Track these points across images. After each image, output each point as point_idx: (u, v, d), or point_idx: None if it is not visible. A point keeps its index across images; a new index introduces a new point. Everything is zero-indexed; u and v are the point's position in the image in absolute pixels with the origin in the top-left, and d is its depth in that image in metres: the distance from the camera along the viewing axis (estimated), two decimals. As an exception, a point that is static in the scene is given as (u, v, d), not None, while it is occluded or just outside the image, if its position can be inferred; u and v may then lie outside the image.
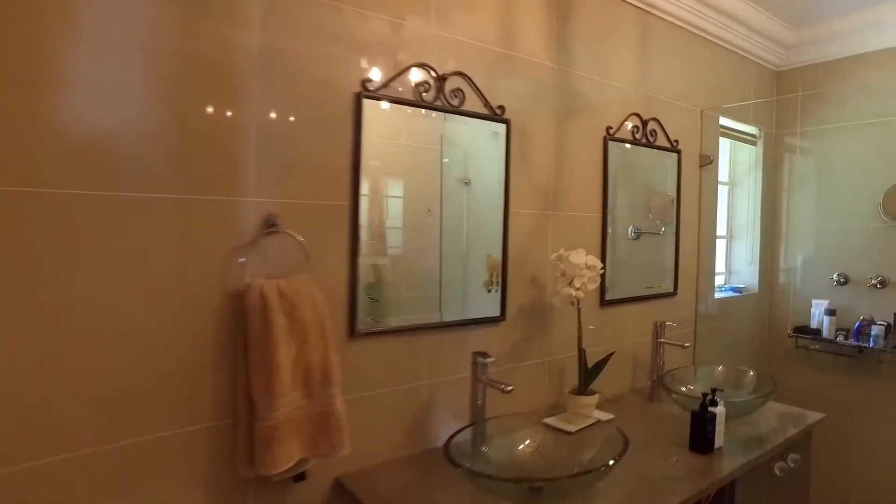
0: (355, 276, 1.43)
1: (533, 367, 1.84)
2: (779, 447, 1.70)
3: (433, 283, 1.66)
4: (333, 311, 1.39)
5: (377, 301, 1.52)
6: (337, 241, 1.41)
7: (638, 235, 2.30)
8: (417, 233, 1.62)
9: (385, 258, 1.55)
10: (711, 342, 2.63)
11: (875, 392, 2.71)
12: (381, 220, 1.52)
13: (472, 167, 1.70)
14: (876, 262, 2.71)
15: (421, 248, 1.63)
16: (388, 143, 1.52)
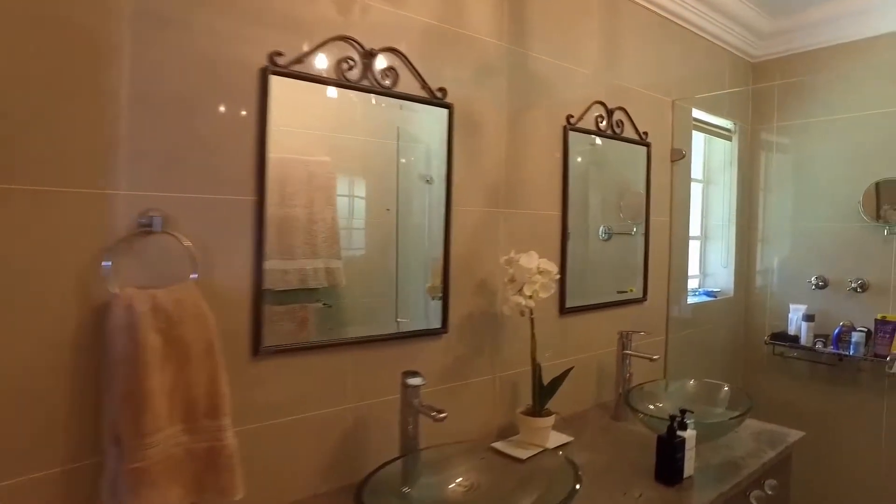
0: (260, 283, 1.20)
1: (482, 385, 1.63)
2: (755, 473, 1.52)
3: (390, 288, 1.47)
4: (234, 327, 1.17)
5: (330, 307, 1.35)
6: (240, 242, 1.19)
7: (609, 236, 2.12)
8: (374, 234, 1.45)
9: (338, 261, 1.35)
10: (684, 351, 2.44)
11: (855, 404, 2.56)
12: (333, 218, 1.33)
13: (435, 164, 1.51)
14: (855, 264, 2.56)
15: (378, 250, 1.46)
16: (336, 135, 1.36)
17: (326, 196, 1.32)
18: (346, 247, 1.38)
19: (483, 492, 1.23)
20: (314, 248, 1.30)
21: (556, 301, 1.82)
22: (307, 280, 1.30)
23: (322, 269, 1.34)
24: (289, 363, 1.26)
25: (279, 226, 1.24)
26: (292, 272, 1.27)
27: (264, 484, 1.22)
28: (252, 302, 1.20)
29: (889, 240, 2.45)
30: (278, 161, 1.22)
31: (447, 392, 1.54)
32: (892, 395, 2.46)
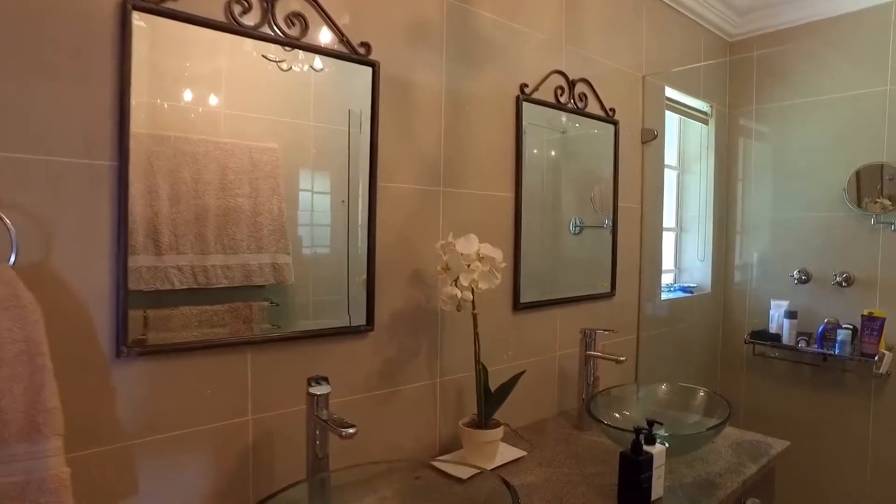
0: (123, 269, 0.96)
1: (419, 392, 1.40)
2: (735, 493, 1.30)
3: (342, 284, 1.27)
4: (88, 323, 0.93)
5: (278, 306, 1.17)
6: (94, 219, 0.94)
7: (581, 230, 1.91)
8: (328, 226, 1.26)
9: (286, 256, 1.16)
10: (657, 352, 2.23)
11: (841, 408, 2.37)
12: (280, 209, 1.15)
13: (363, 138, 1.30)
14: (840, 256, 2.38)
15: (331, 243, 1.27)
16: (288, 119, 1.17)
17: (273, 185, 1.14)
18: (299, 241, 1.21)
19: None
20: (259, 242, 1.13)
21: (508, 295, 1.59)
22: (251, 276, 1.13)
23: (268, 265, 1.15)
24: (172, 367, 1.02)
25: (220, 217, 1.08)
26: (235, 267, 1.10)
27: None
28: (113, 290, 0.95)
29: (876, 229, 2.27)
30: (215, 146, 1.06)
31: (375, 401, 1.31)
32: (879, 398, 2.27)
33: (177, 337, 1.02)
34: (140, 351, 0.98)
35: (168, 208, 1.02)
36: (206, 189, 1.06)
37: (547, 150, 1.77)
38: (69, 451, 0.86)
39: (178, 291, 1.04)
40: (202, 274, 1.06)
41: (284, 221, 1.16)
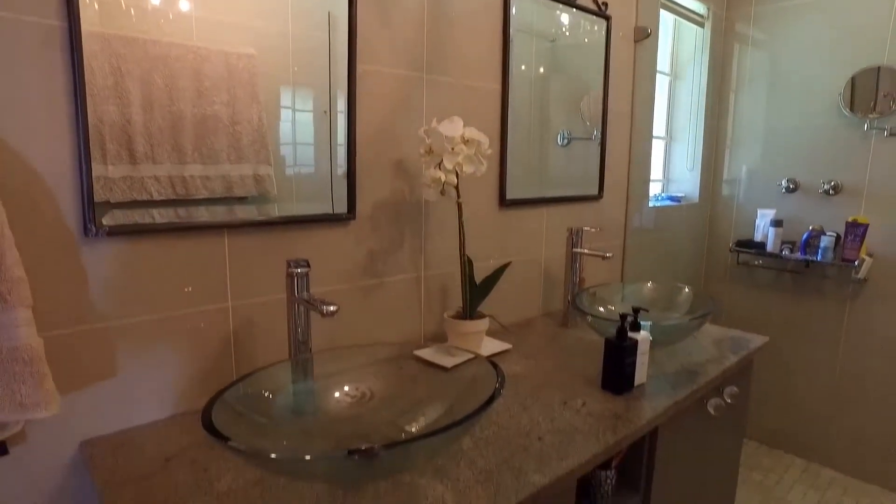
0: (85, 142, 0.89)
1: (403, 286, 1.38)
2: (715, 380, 1.32)
3: (324, 179, 1.21)
4: (51, 200, 0.88)
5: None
6: (48, 87, 0.87)
7: (569, 141, 1.84)
8: (311, 136, 1.18)
9: (268, 167, 1.11)
10: (643, 257, 2.23)
11: (818, 311, 2.42)
12: (260, 118, 1.08)
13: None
14: (830, 165, 2.35)
15: (313, 152, 1.19)
16: (264, 24, 1.07)
17: (251, 92, 1.07)
18: (279, 146, 1.14)
19: (373, 403, 0.98)
20: (239, 152, 1.07)
21: (494, 190, 1.55)
22: (233, 188, 1.07)
23: (250, 176, 1.10)
24: (145, 248, 0.98)
25: (197, 125, 1.01)
26: (215, 178, 1.05)
27: (109, 399, 0.97)
28: (75, 159, 0.89)
29: (868, 135, 2.24)
30: (188, 50, 0.98)
31: (358, 292, 1.29)
32: (854, 302, 2.32)
33: (148, 217, 0.98)
34: (110, 230, 0.93)
35: (141, 115, 0.95)
36: (180, 96, 0.99)
37: (536, 63, 1.68)
38: (41, 331, 0.84)
39: (156, 203, 0.98)
40: (181, 185, 1.01)
41: (265, 131, 1.10)
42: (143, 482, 0.84)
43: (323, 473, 0.79)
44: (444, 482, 0.85)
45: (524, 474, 0.87)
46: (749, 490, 2.30)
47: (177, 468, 0.88)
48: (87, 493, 0.96)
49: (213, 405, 0.80)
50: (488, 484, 0.85)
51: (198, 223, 1.03)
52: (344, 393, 0.98)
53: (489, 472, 0.88)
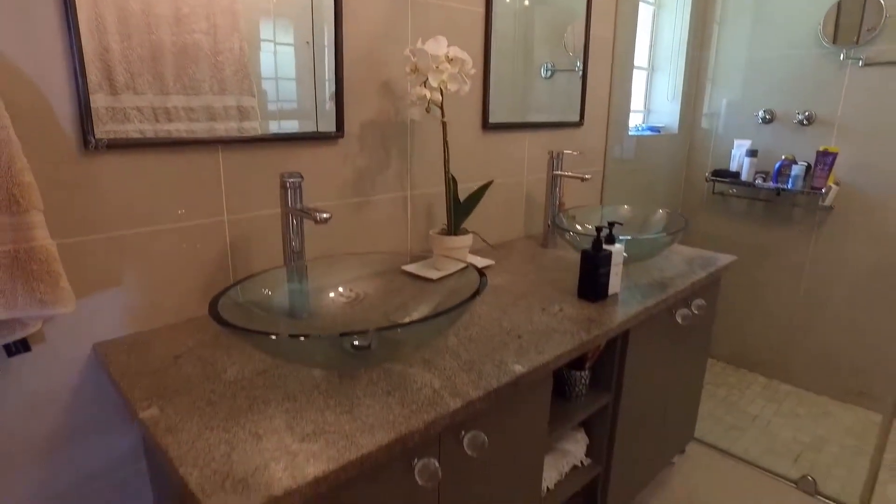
0: (79, 53, 0.91)
1: (390, 204, 1.43)
2: (683, 292, 1.42)
3: (311, 103, 1.23)
4: (48, 113, 0.91)
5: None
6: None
7: (552, 73, 1.86)
8: (296, 61, 1.19)
9: (251, 98, 1.12)
10: (623, 185, 2.30)
11: (786, 238, 2.53)
12: (241, 48, 1.09)
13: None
14: (806, 95, 2.41)
15: (298, 84, 1.19)
16: None
17: (231, 21, 1.06)
18: (265, 79, 1.15)
19: (367, 303, 1.06)
20: (222, 83, 1.08)
21: (478, 114, 1.59)
22: (216, 119, 1.09)
23: (234, 108, 1.11)
24: (142, 163, 1.01)
25: (177, 54, 1.01)
26: (198, 109, 1.06)
27: (117, 306, 1.03)
28: (71, 77, 0.92)
29: (844, 66, 2.28)
30: None
31: (348, 209, 1.34)
32: (821, 229, 2.43)
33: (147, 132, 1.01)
34: (109, 143, 0.97)
35: (119, 44, 0.95)
36: (158, 23, 0.98)
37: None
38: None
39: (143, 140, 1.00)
40: (164, 116, 1.02)
41: (247, 61, 1.10)
42: (155, 375, 0.92)
43: (320, 357, 0.87)
44: (431, 371, 0.93)
45: (505, 364, 0.96)
46: (714, 403, 2.46)
47: (186, 363, 0.96)
48: (102, 386, 1.04)
49: (218, 300, 0.87)
50: (472, 372, 0.93)
51: (193, 139, 1.06)
52: (338, 293, 1.05)
53: (472, 362, 0.97)
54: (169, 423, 0.78)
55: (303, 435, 0.76)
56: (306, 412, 0.81)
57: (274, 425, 0.78)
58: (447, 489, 0.93)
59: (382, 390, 0.87)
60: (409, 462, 0.84)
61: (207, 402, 0.84)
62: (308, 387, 0.88)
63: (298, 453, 0.72)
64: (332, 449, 0.73)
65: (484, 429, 0.94)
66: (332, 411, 0.82)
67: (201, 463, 0.70)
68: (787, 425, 2.32)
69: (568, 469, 1.37)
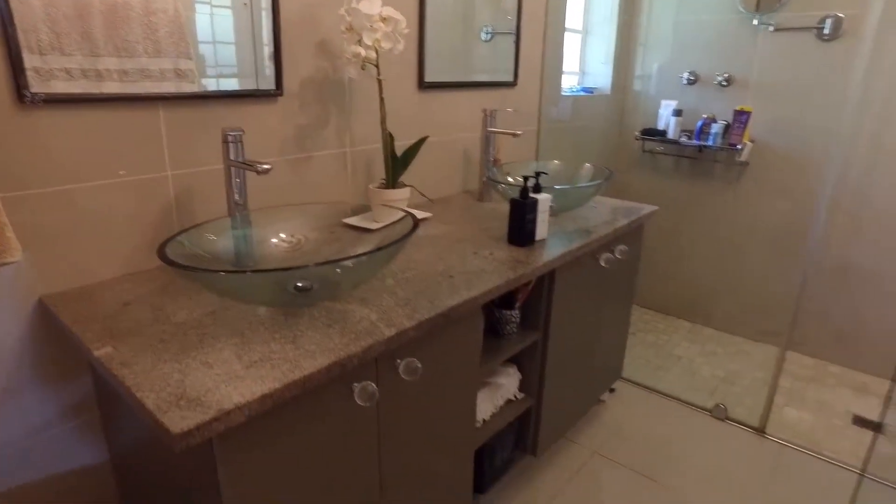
0: (6, 4, 0.93)
1: (330, 160, 1.49)
2: (606, 237, 1.54)
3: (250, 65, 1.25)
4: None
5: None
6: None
7: (492, 36, 1.93)
8: (234, 22, 1.20)
9: (189, 61, 1.14)
10: (558, 142, 2.42)
11: (708, 192, 2.72)
12: (176, 8, 1.09)
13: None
14: (725, 58, 2.56)
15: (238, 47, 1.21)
16: None
17: None
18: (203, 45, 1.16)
19: (308, 249, 1.13)
20: (157, 45, 1.08)
21: (413, 73, 1.65)
22: (153, 81, 1.09)
23: (171, 70, 1.12)
24: (78, 117, 1.04)
25: (106, 14, 1.00)
26: (133, 72, 1.06)
27: (62, 259, 1.06)
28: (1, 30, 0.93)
29: (758, 30, 2.44)
30: None
31: (290, 165, 1.40)
32: (738, 183, 2.62)
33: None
34: (46, 97, 0.99)
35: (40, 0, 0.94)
36: None
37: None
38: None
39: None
40: (95, 77, 1.02)
41: (182, 23, 1.10)
42: (106, 320, 0.97)
43: (265, 297, 0.94)
44: (369, 307, 1.02)
45: (437, 299, 1.06)
46: (643, 347, 2.66)
47: (136, 309, 1.01)
48: (51, 337, 1.07)
49: (166, 245, 0.92)
50: (407, 307, 1.03)
51: (131, 95, 1.08)
52: (281, 239, 1.12)
53: (408, 299, 1.06)
54: (123, 359, 0.84)
55: (250, 362, 0.83)
56: (253, 344, 0.89)
57: (223, 356, 0.85)
58: (386, 410, 1.03)
59: (324, 324, 0.96)
60: (350, 385, 0.93)
61: (159, 340, 0.90)
62: (254, 324, 0.96)
63: (246, 377, 0.80)
64: (277, 371, 0.81)
65: (418, 356, 1.04)
66: (277, 342, 0.89)
67: (157, 388, 0.77)
68: (707, 363, 2.53)
69: (502, 402, 1.49)
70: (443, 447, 1.22)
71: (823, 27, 2.25)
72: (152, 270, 1.18)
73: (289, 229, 1.15)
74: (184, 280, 1.12)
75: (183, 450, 0.68)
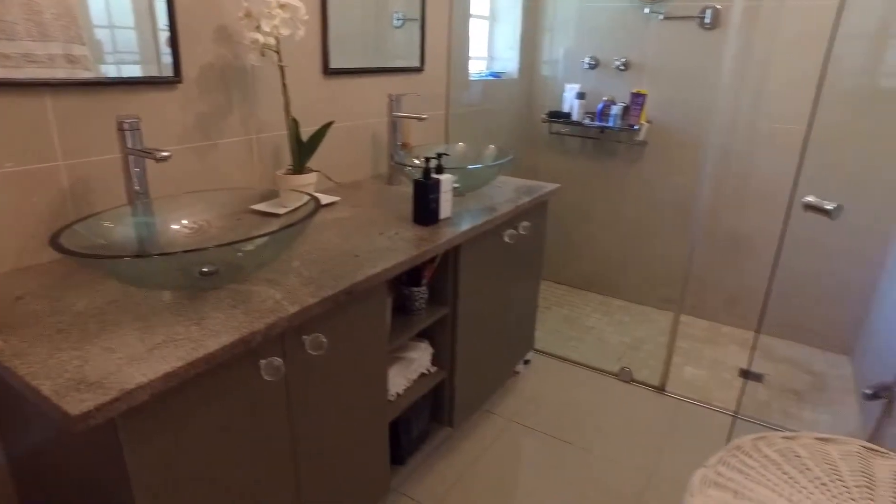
0: None
1: (235, 147, 1.50)
2: (509, 214, 1.63)
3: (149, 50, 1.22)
4: None
5: None
6: None
7: (403, 23, 1.97)
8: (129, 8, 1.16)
9: (82, 46, 1.10)
10: (469, 125, 2.49)
11: (611, 170, 2.89)
12: None
13: None
14: (622, 43, 2.72)
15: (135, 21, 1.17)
16: None
17: None
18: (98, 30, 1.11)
19: (212, 234, 1.15)
20: (42, 28, 1.03)
21: (318, 59, 1.67)
22: (40, 66, 1.05)
23: (61, 56, 1.08)
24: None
25: None
26: (16, 57, 1.01)
27: (-53, 251, 1.03)
28: None
29: (650, 18, 2.60)
30: None
31: (194, 153, 1.39)
32: (638, 162, 2.80)
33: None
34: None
35: None
36: None
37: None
38: None
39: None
40: None
41: (72, 5, 1.07)
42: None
43: (169, 282, 0.96)
44: (275, 287, 1.06)
45: (341, 277, 1.11)
46: (557, 321, 2.80)
47: (30, 302, 0.99)
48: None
49: (60, 234, 0.92)
50: (311, 286, 1.07)
51: (13, 80, 1.04)
52: (183, 225, 1.13)
53: (313, 278, 1.10)
54: (15, 351, 0.83)
55: (154, 344, 0.85)
56: (157, 328, 0.90)
57: (126, 341, 0.87)
58: (295, 385, 1.07)
59: (229, 305, 0.98)
60: (256, 361, 0.96)
61: (57, 330, 0.90)
62: (159, 309, 0.97)
63: (150, 358, 0.81)
64: (182, 350, 0.83)
65: (325, 332, 1.09)
66: (182, 325, 0.91)
67: (54, 375, 0.77)
68: (616, 332, 2.71)
69: (416, 376, 1.56)
70: (357, 419, 1.27)
71: (705, 17, 2.43)
72: (48, 264, 1.16)
73: (192, 216, 1.16)
74: (85, 272, 1.11)
75: (85, 432, 0.70)
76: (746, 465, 0.91)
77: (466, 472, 1.74)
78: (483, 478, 1.72)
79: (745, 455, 0.94)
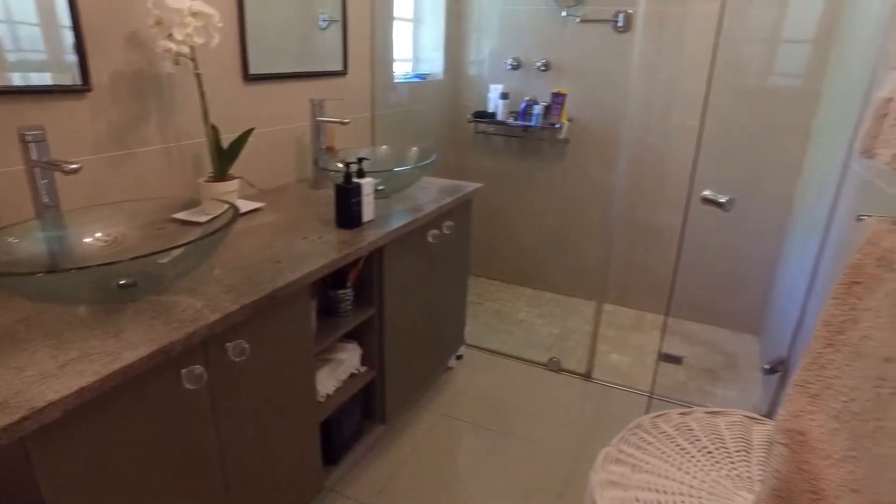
0: None
1: (153, 156, 1.48)
2: (432, 215, 1.68)
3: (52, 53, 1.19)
4: None
5: None
6: None
7: (329, 24, 1.97)
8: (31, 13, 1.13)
9: None
10: (396, 127, 2.53)
11: (535, 168, 2.99)
12: None
13: None
14: (542, 45, 2.82)
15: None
16: None
17: None
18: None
19: (127, 246, 1.15)
20: None
21: (237, 65, 1.66)
22: None
23: None
24: None
25: None
26: None
27: None
28: None
29: (567, 21, 2.71)
30: None
31: (109, 163, 1.37)
32: (561, 159, 2.91)
33: None
34: None
35: None
36: None
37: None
38: None
39: None
40: None
41: None
42: None
43: (84, 296, 0.95)
44: (195, 296, 1.06)
45: (263, 283, 1.13)
46: (489, 315, 2.89)
47: (-66, 321, 0.97)
48: None
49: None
50: (232, 293, 1.08)
51: None
52: (96, 238, 1.12)
53: (233, 286, 1.11)
54: (-82, 373, 0.82)
55: (66, 360, 0.85)
56: (71, 343, 0.90)
57: (36, 358, 0.86)
58: (220, 392, 1.08)
59: (148, 316, 0.99)
60: (178, 371, 0.97)
61: (-38, 350, 0.88)
62: (73, 324, 0.96)
63: (62, 374, 0.82)
64: (97, 364, 0.84)
65: (248, 338, 1.10)
66: (98, 339, 0.91)
67: (-42, 397, 0.76)
68: (546, 324, 2.82)
69: (345, 377, 1.59)
70: (286, 422, 1.29)
71: (618, 20, 2.56)
72: (-47, 281, 1.12)
73: (107, 228, 1.15)
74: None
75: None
76: (645, 441, 1.00)
77: (401, 468, 1.78)
78: (417, 472, 1.77)
79: (645, 432, 1.03)
